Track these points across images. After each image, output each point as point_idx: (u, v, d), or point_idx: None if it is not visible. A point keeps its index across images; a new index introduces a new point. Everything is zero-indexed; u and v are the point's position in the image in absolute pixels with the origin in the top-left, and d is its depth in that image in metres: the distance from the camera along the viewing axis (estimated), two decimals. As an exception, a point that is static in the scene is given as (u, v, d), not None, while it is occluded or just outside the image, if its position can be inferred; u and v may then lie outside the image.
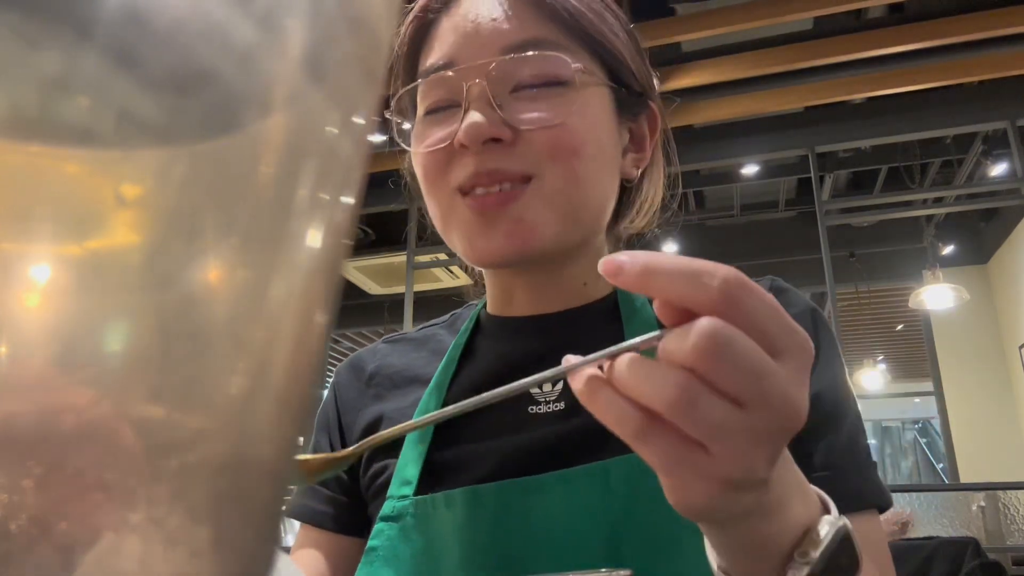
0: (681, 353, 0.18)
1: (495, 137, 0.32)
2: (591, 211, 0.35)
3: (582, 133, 0.33)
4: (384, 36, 0.11)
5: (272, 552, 0.10)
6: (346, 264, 0.13)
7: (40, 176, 0.08)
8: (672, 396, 0.18)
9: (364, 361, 0.43)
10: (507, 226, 0.33)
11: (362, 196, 0.12)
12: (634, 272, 0.18)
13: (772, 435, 0.18)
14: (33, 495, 0.08)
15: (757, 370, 0.18)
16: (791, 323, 0.19)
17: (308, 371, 0.10)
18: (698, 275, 0.18)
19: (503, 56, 0.33)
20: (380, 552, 0.33)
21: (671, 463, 0.19)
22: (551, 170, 0.33)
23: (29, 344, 0.08)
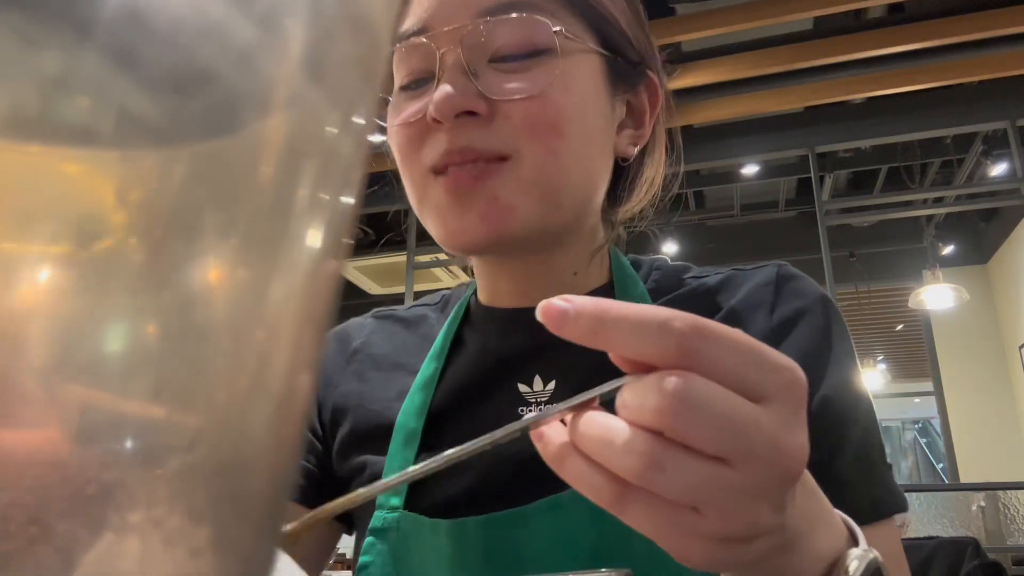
0: (646, 415, 0.16)
1: (469, 110, 0.29)
2: (575, 194, 0.31)
3: (565, 107, 0.30)
4: (384, 36, 0.11)
5: (272, 552, 0.10)
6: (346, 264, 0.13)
7: (40, 176, 0.08)
8: (636, 465, 0.16)
9: (350, 335, 0.40)
10: (482, 206, 0.29)
11: (362, 196, 0.12)
12: (582, 323, 0.16)
13: (769, 487, 0.16)
14: (32, 495, 0.08)
15: (736, 423, 0.16)
16: (774, 360, 0.17)
17: (308, 371, 0.10)
18: (652, 328, 0.16)
19: (480, 16, 0.29)
20: (373, 571, 0.32)
21: (659, 528, 0.17)
22: (529, 149, 0.29)
23: (29, 344, 0.08)
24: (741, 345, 0.17)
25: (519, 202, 0.30)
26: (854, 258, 3.43)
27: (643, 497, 0.17)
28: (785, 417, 0.17)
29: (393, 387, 0.37)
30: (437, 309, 0.41)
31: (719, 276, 0.36)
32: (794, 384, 0.17)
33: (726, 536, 0.17)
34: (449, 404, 0.34)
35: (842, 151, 2.98)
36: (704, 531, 0.16)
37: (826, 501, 0.21)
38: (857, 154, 3.04)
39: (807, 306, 0.33)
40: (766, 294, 0.34)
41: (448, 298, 0.41)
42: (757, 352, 0.17)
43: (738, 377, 0.16)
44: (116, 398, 0.08)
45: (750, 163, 3.03)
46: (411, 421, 0.34)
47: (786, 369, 0.17)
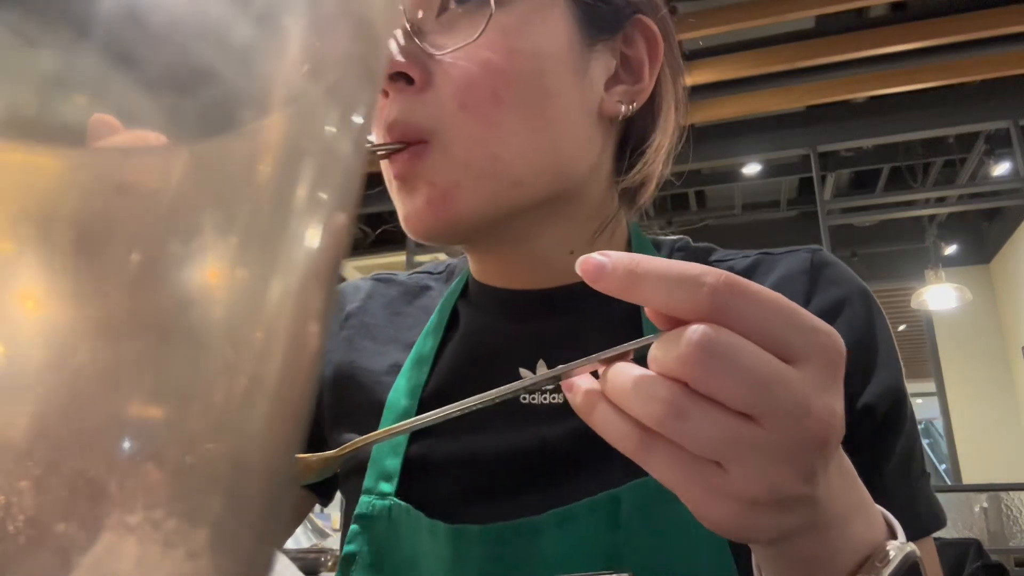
0: (668, 363, 0.16)
1: (404, 74, 0.25)
2: (537, 164, 0.27)
3: (507, 70, 0.25)
4: (383, 36, 0.11)
5: (270, 553, 0.10)
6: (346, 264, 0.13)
7: (39, 175, 0.08)
8: (658, 411, 0.16)
9: (345, 297, 0.37)
10: (424, 191, 0.26)
11: (362, 196, 0.12)
12: (617, 276, 0.17)
13: (796, 450, 0.16)
14: (31, 496, 0.08)
15: (764, 378, 0.15)
16: (808, 321, 0.16)
17: (306, 371, 0.10)
18: (684, 282, 0.16)
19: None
20: (359, 560, 0.29)
21: (682, 481, 0.17)
22: (459, 124, 0.26)
23: (28, 344, 0.08)
24: (774, 303, 0.16)
25: (459, 181, 0.26)
26: (856, 258, 3.42)
27: (667, 447, 0.16)
28: (816, 379, 0.16)
29: (385, 360, 0.34)
30: (440, 279, 0.37)
31: (747, 260, 0.34)
32: (829, 347, 0.16)
33: (750, 497, 0.16)
34: (445, 385, 0.31)
35: (844, 150, 2.97)
36: (727, 489, 0.16)
37: (867, 493, 0.20)
38: (859, 153, 3.03)
39: (846, 297, 0.30)
40: (800, 283, 0.31)
41: (453, 268, 0.38)
42: (790, 311, 0.16)
43: (769, 335, 0.16)
44: (114, 399, 0.08)
45: (751, 162, 3.03)
46: (403, 399, 0.31)
47: (821, 331, 0.16)
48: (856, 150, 3.00)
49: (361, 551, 0.29)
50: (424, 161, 0.26)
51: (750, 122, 2.67)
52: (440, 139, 0.26)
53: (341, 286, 0.38)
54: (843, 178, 3.31)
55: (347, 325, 0.35)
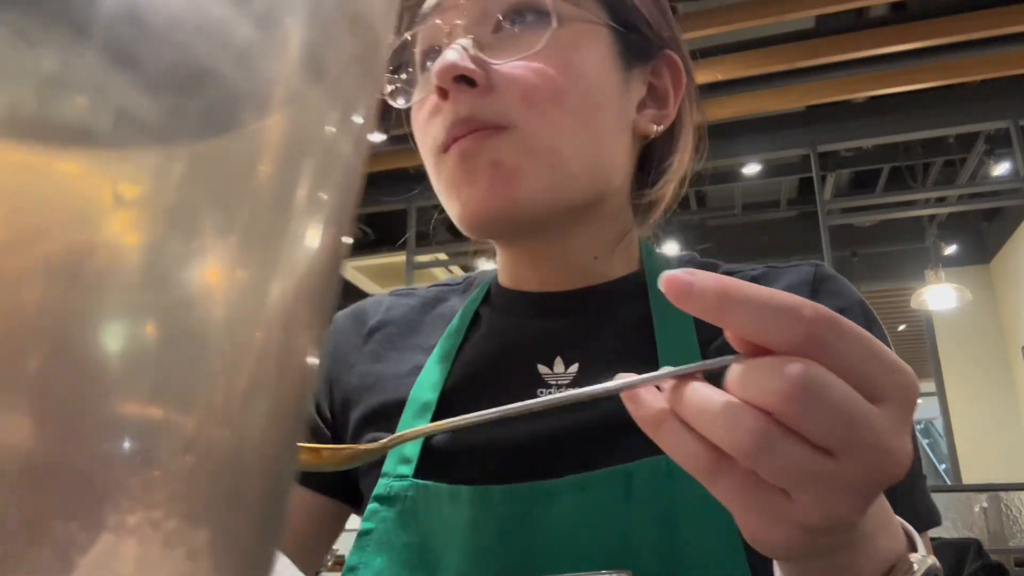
0: (763, 396, 0.16)
1: (467, 77, 0.29)
2: (586, 163, 0.31)
3: (562, 78, 0.29)
4: (384, 35, 0.11)
5: (271, 554, 0.10)
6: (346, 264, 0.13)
7: (38, 175, 0.08)
8: (745, 441, 0.16)
9: (367, 313, 0.39)
10: (488, 172, 0.29)
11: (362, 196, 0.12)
12: (706, 298, 0.16)
13: (867, 484, 0.16)
14: (29, 496, 0.08)
15: (850, 418, 0.16)
16: (893, 361, 0.17)
17: (306, 371, 0.10)
18: (782, 312, 0.16)
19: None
20: (374, 536, 0.30)
21: (746, 506, 0.17)
22: (526, 118, 0.29)
23: (27, 344, 0.08)
24: (864, 341, 0.17)
25: (523, 166, 0.29)
26: (856, 258, 3.42)
27: (738, 473, 0.17)
28: (895, 418, 0.16)
29: (407, 364, 0.36)
30: (458, 291, 0.40)
31: (753, 272, 0.36)
32: (908, 387, 0.17)
33: (810, 525, 0.16)
34: (465, 380, 0.33)
35: (844, 150, 2.97)
36: (790, 517, 0.16)
37: (887, 505, 0.21)
38: (859, 153, 3.03)
39: (846, 306, 0.32)
40: (803, 293, 0.33)
41: (472, 280, 0.41)
42: (877, 350, 0.17)
43: (859, 373, 0.16)
44: (114, 398, 0.08)
45: (751, 162, 3.03)
46: (425, 394, 0.33)
47: (903, 372, 0.17)
48: (856, 150, 3.00)
49: (377, 528, 0.31)
50: (492, 141, 0.29)
51: (750, 122, 2.67)
52: (512, 131, 0.29)
53: (363, 302, 0.40)
54: (843, 178, 3.31)
55: (371, 339, 0.38)
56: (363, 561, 0.30)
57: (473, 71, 0.29)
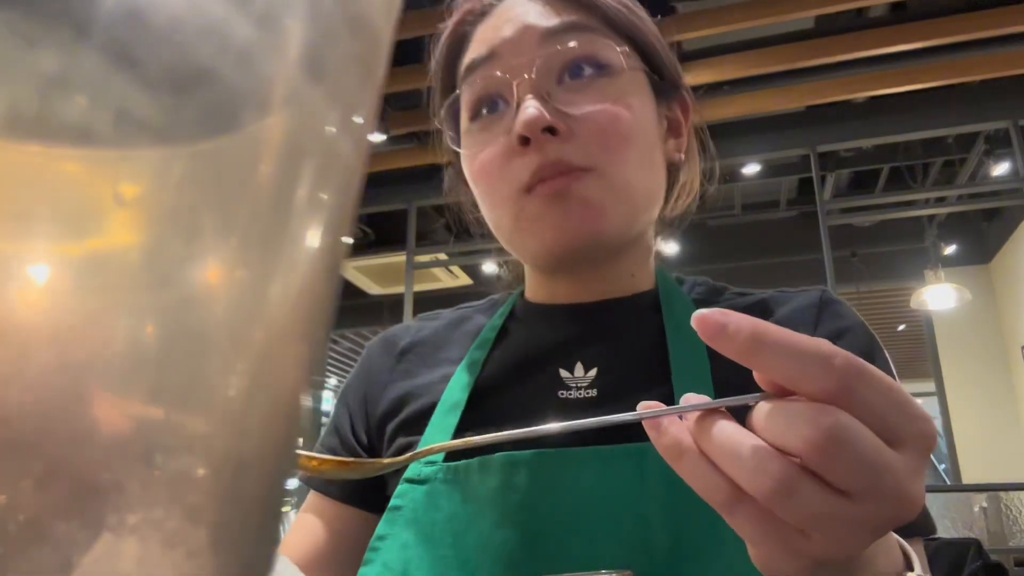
0: (789, 439, 0.16)
1: (552, 128, 0.32)
2: (647, 197, 0.35)
3: (631, 120, 0.34)
4: (384, 35, 0.11)
5: (271, 553, 0.10)
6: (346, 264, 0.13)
7: (38, 175, 0.08)
8: (768, 485, 0.17)
9: (397, 336, 0.42)
10: (578, 210, 0.33)
11: (362, 196, 0.12)
12: (739, 340, 0.17)
13: (882, 525, 0.17)
14: (30, 496, 0.08)
15: (874, 465, 0.16)
16: (914, 409, 0.18)
17: (307, 371, 0.10)
18: (813, 360, 0.17)
19: (545, 41, 0.33)
20: (404, 513, 0.32)
21: (761, 539, 0.18)
22: (607, 160, 0.33)
23: (28, 344, 0.08)
24: (890, 390, 0.17)
25: (607, 203, 0.33)
26: (855, 258, 3.42)
27: (756, 509, 0.17)
28: (913, 464, 0.17)
29: (437, 374, 0.38)
30: (482, 309, 0.43)
31: (763, 295, 0.39)
32: (927, 436, 0.18)
33: (824, 559, 0.17)
34: (492, 382, 0.36)
35: (843, 150, 2.97)
36: (803, 552, 0.17)
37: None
38: (858, 153, 3.03)
39: (849, 327, 0.35)
40: (810, 314, 0.36)
41: (495, 300, 0.44)
42: (901, 399, 0.17)
43: (883, 420, 0.17)
44: (115, 399, 0.08)
45: (751, 162, 3.03)
46: (455, 394, 0.36)
47: (923, 420, 0.18)
48: (856, 150, 3.00)
49: (406, 505, 0.33)
50: (582, 183, 0.33)
51: (750, 122, 2.67)
52: (596, 173, 0.33)
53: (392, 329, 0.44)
54: (843, 178, 3.31)
55: (403, 359, 0.41)
56: (391, 532, 0.32)
57: (558, 123, 0.32)
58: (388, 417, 0.38)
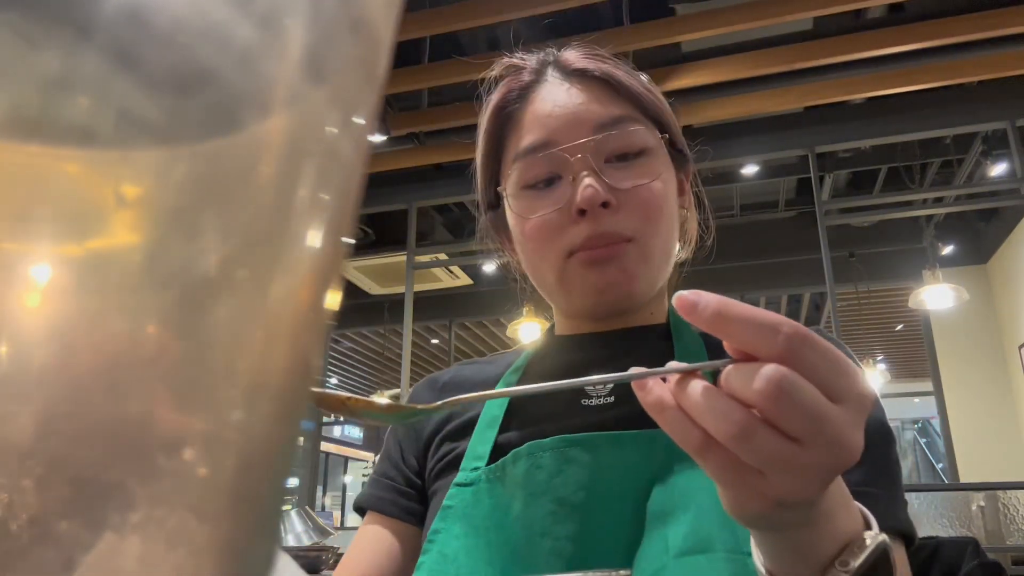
0: (746, 393, 0.20)
1: (606, 202, 0.39)
2: (669, 256, 0.43)
3: (663, 194, 0.41)
4: (385, 37, 0.11)
5: (272, 551, 0.10)
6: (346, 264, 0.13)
7: (40, 176, 0.08)
8: (731, 431, 0.20)
9: (438, 377, 0.50)
10: (615, 274, 0.40)
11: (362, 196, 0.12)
12: (706, 314, 0.21)
13: (826, 469, 0.21)
14: (33, 495, 0.08)
15: (815, 413, 0.20)
16: (853, 371, 0.21)
17: (307, 371, 0.10)
18: (765, 327, 0.20)
19: (596, 132, 0.40)
20: (454, 509, 0.39)
21: (729, 480, 0.21)
22: (646, 231, 0.40)
23: (29, 344, 0.08)
24: (830, 353, 0.21)
25: (640, 271, 0.41)
26: (854, 258, 3.42)
27: (723, 453, 0.21)
28: (851, 417, 0.21)
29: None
30: (514, 352, 0.51)
31: None
32: (864, 395, 0.21)
33: (780, 500, 0.21)
34: (525, 398, 0.43)
35: (842, 151, 2.98)
36: (764, 492, 0.21)
37: (847, 491, 0.25)
38: (857, 154, 3.04)
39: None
40: None
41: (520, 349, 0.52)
42: (842, 364, 0.21)
43: (824, 379, 0.20)
44: (116, 398, 0.08)
45: (750, 163, 3.03)
46: (494, 410, 0.42)
47: (861, 381, 0.21)
48: (854, 151, 3.00)
49: (455, 504, 0.39)
50: (624, 253, 0.40)
51: (748, 123, 2.67)
52: (637, 240, 0.40)
53: (434, 373, 0.51)
54: (841, 179, 3.32)
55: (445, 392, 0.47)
56: (444, 527, 0.38)
57: (610, 198, 0.39)
58: (435, 433, 0.45)
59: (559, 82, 0.42)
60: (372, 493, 0.44)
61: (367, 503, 0.44)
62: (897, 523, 0.34)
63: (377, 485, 0.45)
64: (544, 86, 0.43)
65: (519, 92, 0.43)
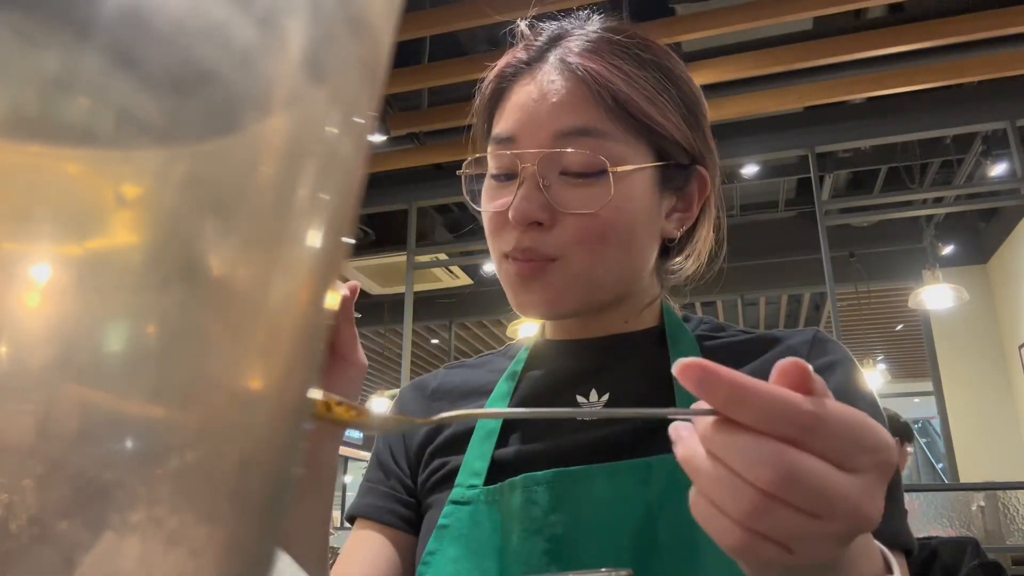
0: (757, 479, 0.20)
1: (536, 220, 0.37)
2: (617, 281, 0.40)
3: (614, 221, 0.38)
4: (385, 36, 0.11)
5: (272, 552, 0.10)
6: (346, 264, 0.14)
7: (40, 176, 0.08)
8: (746, 511, 0.20)
9: (426, 381, 0.48)
10: (540, 291, 0.38)
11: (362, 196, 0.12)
12: (721, 392, 0.20)
13: (847, 536, 0.21)
14: (33, 495, 0.08)
15: (827, 493, 0.20)
16: (871, 441, 0.21)
17: (307, 371, 0.10)
18: (783, 413, 0.20)
19: (555, 139, 0.38)
20: (450, 530, 0.38)
21: (744, 551, 0.21)
22: (576, 253, 0.38)
23: (29, 344, 0.08)
24: (849, 428, 0.20)
25: (568, 291, 0.38)
26: (854, 258, 3.42)
27: (739, 527, 0.21)
28: (869, 485, 0.21)
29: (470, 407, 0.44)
30: (500, 354, 0.50)
31: (761, 334, 0.44)
32: (885, 462, 0.21)
33: (801, 566, 0.21)
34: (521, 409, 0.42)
35: (842, 151, 2.98)
36: (787, 562, 0.21)
37: (869, 536, 0.25)
38: (857, 154, 3.03)
39: (837, 360, 0.40)
40: (804, 350, 0.41)
41: (511, 346, 0.50)
42: (858, 434, 0.21)
43: (839, 454, 0.20)
44: (116, 398, 0.08)
45: (750, 163, 3.03)
46: (490, 422, 0.41)
47: (877, 450, 0.21)
48: (854, 151, 3.00)
49: (452, 524, 0.38)
50: (547, 274, 0.38)
51: (748, 123, 2.67)
52: (561, 262, 0.38)
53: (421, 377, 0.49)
54: (841, 179, 3.32)
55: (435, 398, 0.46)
56: (440, 548, 0.37)
57: (543, 218, 0.37)
58: (425, 445, 0.43)
59: (550, 71, 0.39)
60: (367, 502, 0.43)
61: (362, 512, 0.42)
62: (900, 539, 0.34)
63: (371, 493, 0.43)
64: (540, 69, 0.39)
65: (515, 68, 0.41)
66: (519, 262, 0.38)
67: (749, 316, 4.57)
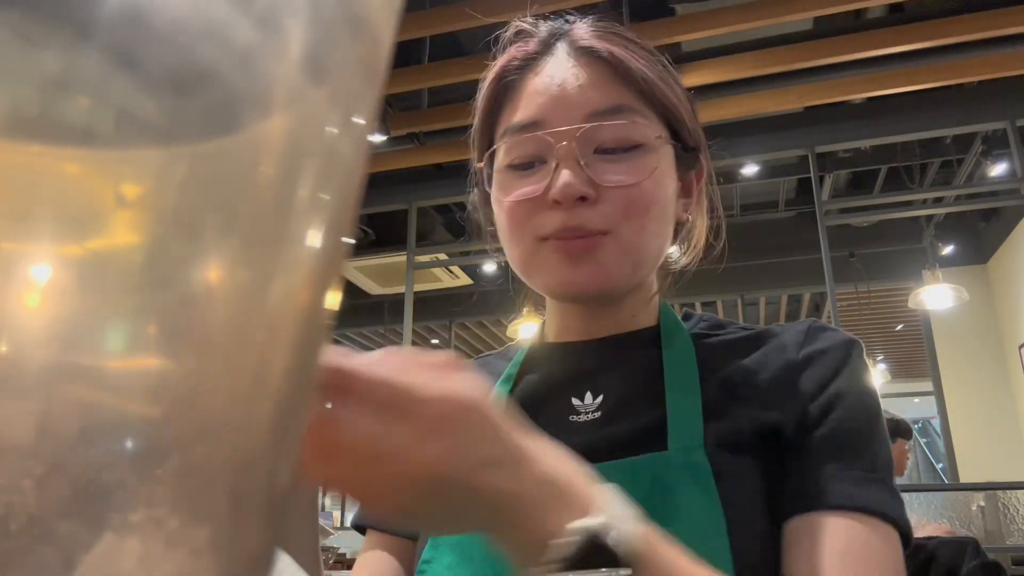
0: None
1: (582, 195, 0.37)
2: (654, 257, 0.41)
3: (654, 193, 0.38)
4: (385, 37, 0.11)
5: (272, 551, 0.10)
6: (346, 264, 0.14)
7: (41, 176, 0.08)
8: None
9: None
10: (590, 268, 0.38)
11: (362, 196, 0.12)
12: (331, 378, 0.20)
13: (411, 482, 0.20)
14: (33, 495, 0.08)
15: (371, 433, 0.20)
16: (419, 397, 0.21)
17: (308, 371, 0.10)
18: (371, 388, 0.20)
19: (589, 119, 0.38)
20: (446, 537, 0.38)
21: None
22: (625, 226, 0.38)
23: (29, 344, 0.08)
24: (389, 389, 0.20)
25: (617, 266, 0.39)
26: (854, 258, 3.42)
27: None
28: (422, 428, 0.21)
29: None
30: (500, 355, 0.49)
31: (760, 329, 0.44)
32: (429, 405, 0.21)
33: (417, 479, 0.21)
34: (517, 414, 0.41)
35: (842, 151, 2.98)
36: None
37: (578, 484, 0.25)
38: (857, 154, 3.03)
39: (831, 346, 0.40)
40: (797, 339, 0.42)
41: (510, 347, 0.50)
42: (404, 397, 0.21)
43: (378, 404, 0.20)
44: (116, 398, 0.08)
45: (750, 163, 3.03)
46: None
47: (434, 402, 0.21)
48: (854, 151, 3.00)
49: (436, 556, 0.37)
50: (599, 248, 0.38)
51: (748, 123, 2.67)
52: (612, 235, 0.38)
53: None
54: (841, 179, 3.32)
55: None
56: (435, 556, 0.37)
57: (588, 192, 0.37)
58: None
59: (565, 58, 0.39)
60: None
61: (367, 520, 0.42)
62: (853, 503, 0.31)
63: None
64: (549, 60, 0.40)
65: (521, 62, 0.40)
66: (567, 240, 0.37)
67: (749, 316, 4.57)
